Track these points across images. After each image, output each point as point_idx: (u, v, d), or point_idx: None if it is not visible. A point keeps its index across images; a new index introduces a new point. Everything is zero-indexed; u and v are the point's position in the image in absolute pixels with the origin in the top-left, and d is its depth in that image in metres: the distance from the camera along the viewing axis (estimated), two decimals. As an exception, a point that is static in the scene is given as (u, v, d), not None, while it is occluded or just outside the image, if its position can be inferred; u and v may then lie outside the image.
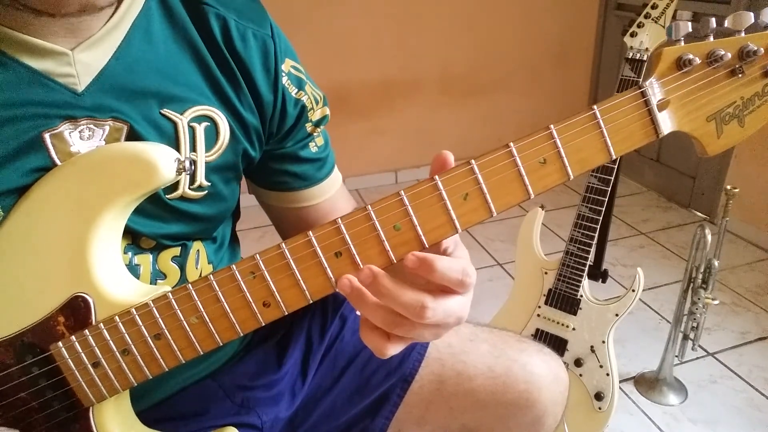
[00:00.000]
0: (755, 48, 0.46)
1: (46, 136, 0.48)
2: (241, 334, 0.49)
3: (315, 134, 0.68)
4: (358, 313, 0.79)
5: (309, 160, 0.68)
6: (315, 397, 0.73)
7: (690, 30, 0.48)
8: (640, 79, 1.12)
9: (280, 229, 0.77)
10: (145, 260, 0.57)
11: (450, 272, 0.43)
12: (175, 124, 0.54)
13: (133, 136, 0.52)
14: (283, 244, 0.46)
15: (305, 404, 0.73)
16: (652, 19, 1.13)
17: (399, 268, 0.46)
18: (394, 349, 0.46)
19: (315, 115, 0.66)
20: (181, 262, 0.60)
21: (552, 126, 0.45)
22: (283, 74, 0.61)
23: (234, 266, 0.47)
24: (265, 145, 0.65)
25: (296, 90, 0.63)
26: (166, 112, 0.54)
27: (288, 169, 0.68)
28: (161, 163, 0.48)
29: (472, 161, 0.45)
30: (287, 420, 0.72)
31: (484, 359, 0.72)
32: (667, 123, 0.47)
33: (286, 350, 0.74)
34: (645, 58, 1.12)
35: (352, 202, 0.78)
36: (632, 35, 1.14)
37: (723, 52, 0.46)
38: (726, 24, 0.47)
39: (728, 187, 1.26)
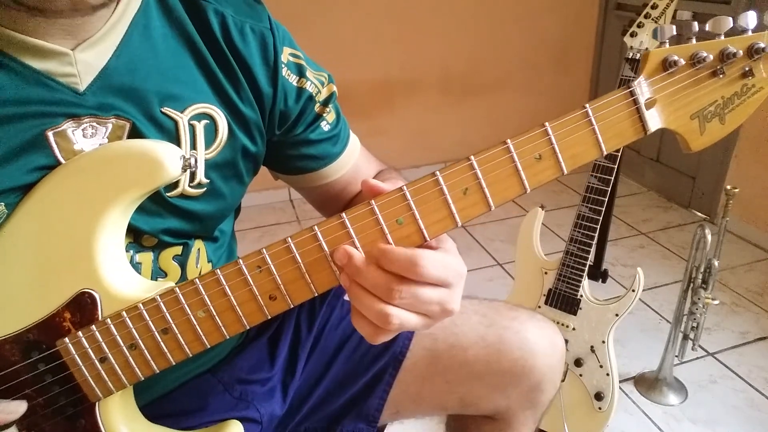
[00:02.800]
0: (735, 50, 0.49)
1: (50, 134, 0.49)
2: (248, 327, 0.50)
3: (325, 113, 0.68)
4: (346, 297, 0.80)
5: (322, 140, 0.69)
6: (308, 386, 0.74)
7: (674, 33, 0.51)
8: (640, 80, 1.12)
9: (318, 206, 0.79)
10: (146, 258, 0.57)
11: (395, 262, 0.45)
12: (176, 123, 0.55)
13: (136, 134, 0.52)
14: (289, 238, 0.47)
15: (299, 394, 0.74)
16: (652, 19, 1.14)
17: None
18: (384, 336, 0.47)
19: (322, 96, 0.67)
20: (182, 260, 0.61)
21: (547, 123, 0.47)
22: (283, 65, 0.62)
23: (241, 260, 0.47)
24: (274, 136, 0.65)
25: (297, 78, 0.64)
26: (167, 110, 0.54)
27: (304, 153, 0.69)
28: (167, 160, 0.49)
29: (472, 157, 0.46)
30: (284, 411, 0.73)
31: (476, 329, 0.72)
32: (654, 120, 0.50)
33: (277, 345, 0.75)
34: (644, 58, 1.13)
35: (374, 162, 0.79)
36: (632, 35, 1.14)
37: (705, 54, 0.49)
38: (707, 28, 0.50)
39: (728, 187, 1.26)
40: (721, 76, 0.50)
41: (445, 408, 0.75)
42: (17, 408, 0.49)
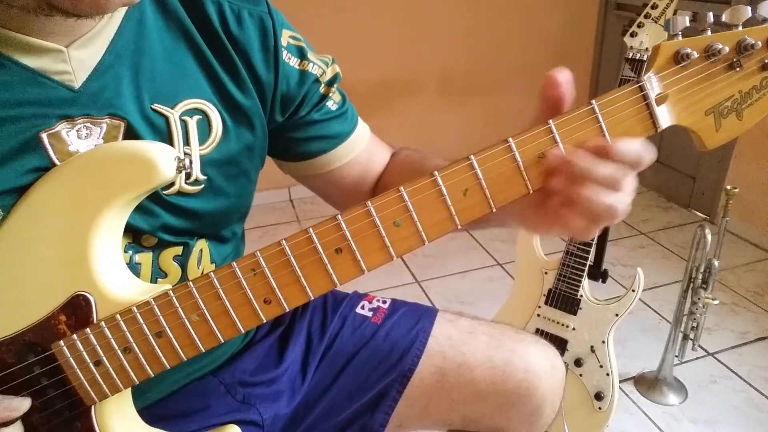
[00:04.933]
0: (753, 41, 0.46)
1: (44, 136, 0.48)
2: (243, 331, 0.49)
3: (330, 93, 0.67)
4: (358, 310, 0.79)
5: (331, 118, 0.68)
6: (315, 394, 0.74)
7: (688, 24, 0.48)
8: (641, 79, 1.12)
9: (331, 200, 0.77)
10: (146, 258, 0.57)
11: (629, 152, 0.45)
12: (166, 119, 0.54)
13: (131, 132, 0.52)
14: (284, 240, 0.46)
15: (305, 402, 0.73)
16: (652, 19, 1.13)
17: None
18: (596, 229, 0.47)
19: (326, 77, 0.66)
20: (182, 261, 0.60)
21: (551, 121, 0.45)
22: (283, 48, 0.61)
23: (235, 263, 0.47)
24: (279, 122, 0.64)
25: (299, 60, 0.63)
26: (157, 107, 0.53)
27: (312, 135, 0.67)
28: (161, 162, 0.48)
29: (472, 156, 0.45)
30: (288, 417, 0.73)
31: (484, 350, 0.73)
32: (665, 117, 0.48)
33: (286, 347, 0.75)
34: (645, 58, 1.12)
35: (386, 148, 0.77)
36: (632, 35, 1.14)
37: (721, 46, 0.46)
38: (724, 18, 0.47)
39: (728, 187, 1.26)
40: (738, 69, 0.47)
41: (448, 424, 0.75)
42: (20, 405, 0.49)
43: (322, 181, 0.73)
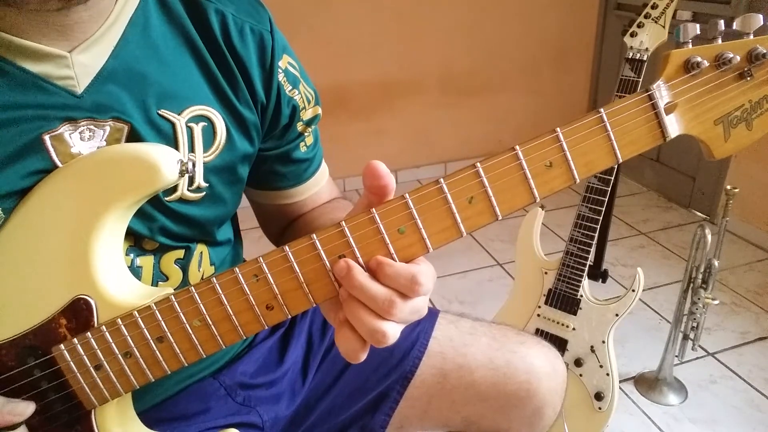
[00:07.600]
0: (764, 51, 0.46)
1: (46, 137, 0.48)
2: (244, 337, 0.49)
3: (306, 133, 0.68)
4: None
5: (297, 161, 0.69)
6: (315, 396, 0.74)
7: (698, 32, 0.47)
8: (640, 80, 1.12)
9: (261, 220, 0.78)
10: (147, 262, 0.57)
11: (399, 277, 0.44)
12: (173, 125, 0.54)
13: (134, 136, 0.51)
14: (287, 246, 0.46)
15: (306, 403, 0.73)
16: (652, 19, 1.13)
17: None
18: (365, 354, 0.46)
19: (306, 115, 0.67)
20: (184, 264, 0.60)
21: (558, 129, 0.45)
22: (280, 70, 0.61)
23: (237, 269, 0.46)
24: (261, 143, 0.64)
25: (290, 88, 0.63)
26: (164, 112, 0.53)
27: (277, 170, 0.69)
28: (164, 164, 0.48)
29: (478, 164, 0.45)
30: (288, 419, 0.73)
31: (485, 351, 0.73)
32: (674, 126, 0.47)
33: (286, 349, 0.75)
34: (645, 58, 1.12)
35: (336, 191, 0.79)
36: (632, 35, 1.14)
37: (732, 55, 0.46)
38: (734, 26, 0.47)
39: (728, 187, 1.26)
40: (748, 78, 0.47)
41: (449, 425, 0.75)
42: (25, 410, 0.49)
43: (262, 208, 0.75)
